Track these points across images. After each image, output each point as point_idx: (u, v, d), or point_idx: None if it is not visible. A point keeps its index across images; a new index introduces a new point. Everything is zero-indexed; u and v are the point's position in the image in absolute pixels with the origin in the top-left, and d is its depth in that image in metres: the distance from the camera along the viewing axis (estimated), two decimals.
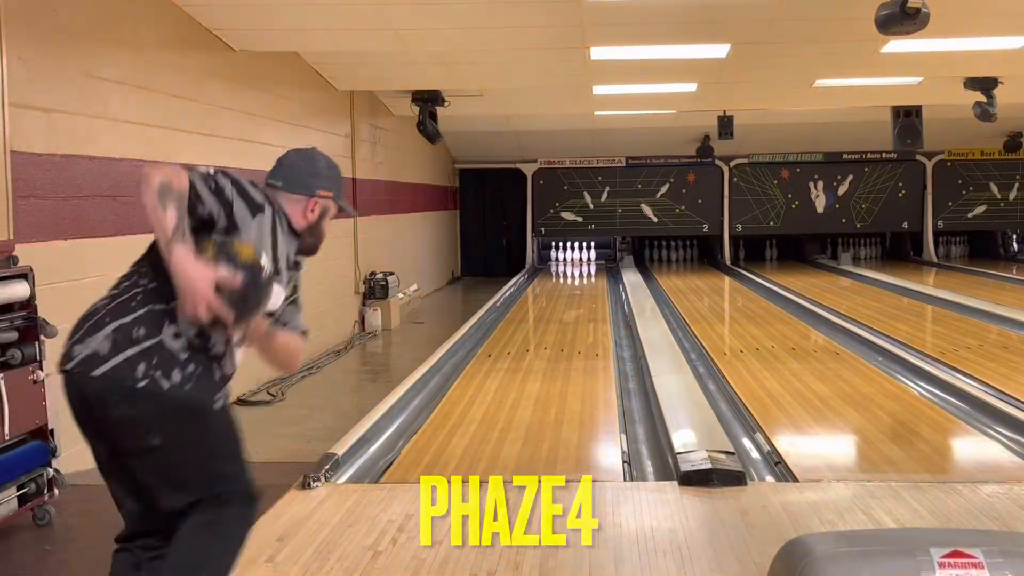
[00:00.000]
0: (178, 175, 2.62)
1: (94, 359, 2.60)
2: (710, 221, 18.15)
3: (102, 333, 2.65)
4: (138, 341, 2.61)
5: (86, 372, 2.59)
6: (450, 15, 7.05)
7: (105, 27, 5.57)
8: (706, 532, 3.96)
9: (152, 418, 2.58)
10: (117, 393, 2.56)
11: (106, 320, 2.68)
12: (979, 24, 7.55)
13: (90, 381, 2.59)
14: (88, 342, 2.65)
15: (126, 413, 2.58)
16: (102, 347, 2.62)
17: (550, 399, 6.65)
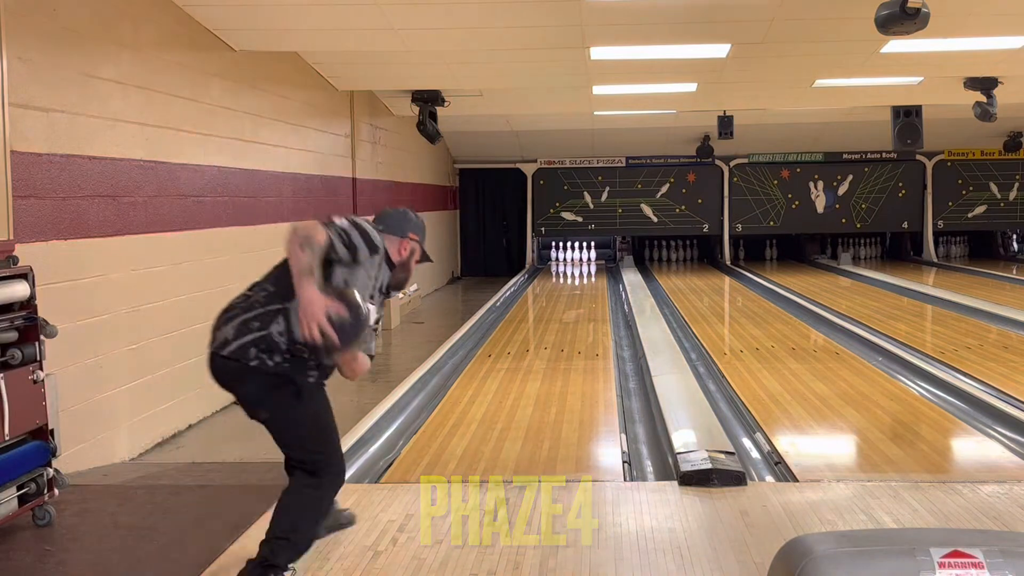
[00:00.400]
0: (318, 232, 3.47)
1: (225, 343, 3.46)
2: (710, 221, 18.15)
3: (232, 324, 3.48)
4: (253, 331, 3.44)
5: (219, 352, 3.45)
6: (450, 15, 7.05)
7: (105, 27, 5.57)
8: (706, 532, 3.96)
9: (261, 392, 3.46)
10: (237, 369, 3.43)
11: (237, 314, 3.50)
12: (979, 24, 7.55)
13: (222, 360, 3.45)
14: (224, 329, 3.48)
15: (242, 390, 3.50)
16: (229, 333, 3.46)
17: (550, 399, 6.65)
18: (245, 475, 5.27)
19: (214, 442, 6.18)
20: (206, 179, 6.84)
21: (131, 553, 4.03)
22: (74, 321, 5.12)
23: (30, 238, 4.76)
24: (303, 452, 3.54)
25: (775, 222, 18.18)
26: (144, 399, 5.90)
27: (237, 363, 3.41)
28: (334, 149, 10.05)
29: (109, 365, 5.53)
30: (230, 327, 3.47)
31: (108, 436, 5.52)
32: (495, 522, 4.12)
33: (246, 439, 6.21)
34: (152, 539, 4.21)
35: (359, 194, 10.74)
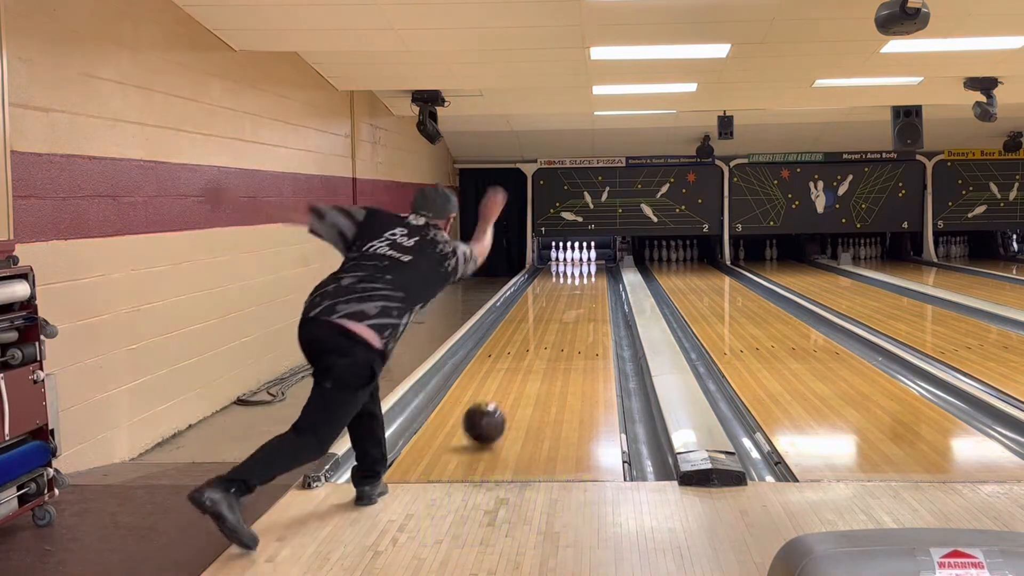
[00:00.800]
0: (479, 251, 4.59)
1: (362, 315, 4.01)
2: (710, 221, 18.16)
3: (372, 303, 4.05)
4: (392, 316, 4.09)
5: (347, 321, 3.99)
6: (450, 15, 7.06)
7: (105, 27, 5.57)
8: (706, 532, 3.96)
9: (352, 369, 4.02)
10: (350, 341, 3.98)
11: (376, 297, 4.07)
12: (979, 24, 7.55)
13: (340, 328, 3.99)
14: (361, 304, 4.03)
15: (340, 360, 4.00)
16: (371, 310, 4.03)
17: (550, 399, 6.65)
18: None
19: (214, 442, 6.18)
20: (206, 179, 6.84)
21: (131, 553, 4.03)
22: (74, 321, 5.12)
23: (30, 238, 4.76)
24: (313, 421, 4.01)
25: (775, 222, 18.18)
26: (144, 399, 5.91)
27: (355, 337, 3.97)
28: (334, 149, 10.05)
29: (109, 365, 5.53)
30: (371, 305, 4.03)
31: (108, 436, 5.52)
32: (495, 522, 4.12)
33: (246, 439, 6.21)
34: (152, 539, 4.21)
35: (359, 194, 10.74)
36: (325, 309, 4.04)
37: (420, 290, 4.26)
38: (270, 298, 7.98)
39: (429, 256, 4.31)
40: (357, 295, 4.06)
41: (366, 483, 4.38)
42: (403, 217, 4.44)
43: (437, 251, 4.35)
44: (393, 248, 4.27)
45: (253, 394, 7.39)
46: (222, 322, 7.05)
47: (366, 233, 4.33)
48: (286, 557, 3.75)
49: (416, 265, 4.25)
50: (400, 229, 4.35)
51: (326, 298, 4.08)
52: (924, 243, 18.21)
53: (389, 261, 4.22)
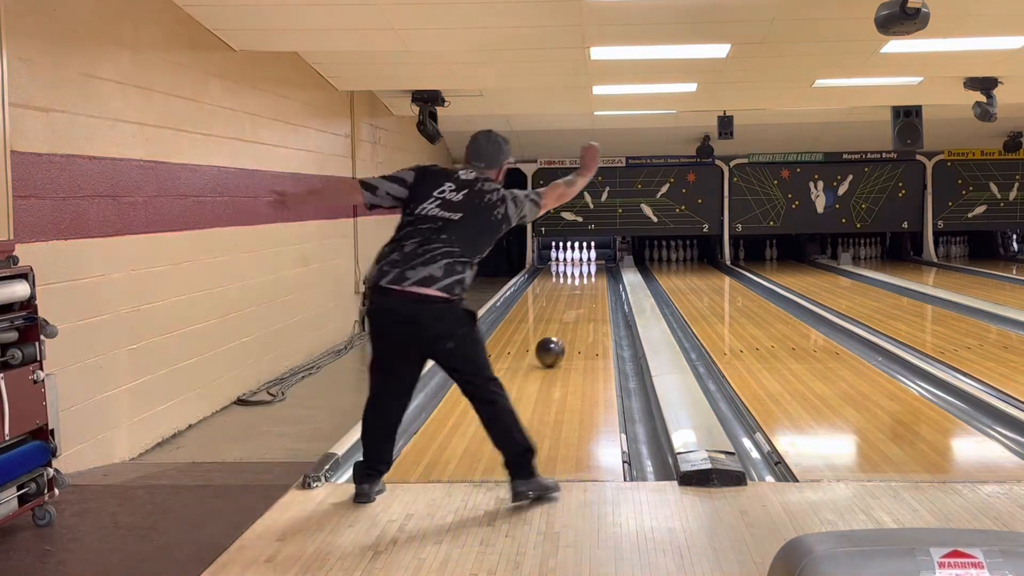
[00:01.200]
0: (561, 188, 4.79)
1: (431, 279, 4.18)
2: (710, 221, 18.15)
3: (436, 265, 4.19)
4: (458, 272, 4.25)
5: (420, 288, 4.17)
6: (450, 15, 7.05)
7: (105, 27, 5.57)
8: (706, 532, 3.96)
9: (453, 324, 4.25)
10: (437, 305, 4.19)
11: (437, 257, 4.21)
12: (979, 24, 7.55)
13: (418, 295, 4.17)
14: (426, 268, 4.19)
15: (437, 325, 4.22)
16: (437, 272, 4.19)
17: (550, 399, 6.65)
18: (245, 475, 5.27)
19: (214, 442, 6.18)
20: (206, 179, 6.84)
21: (131, 553, 4.03)
22: (74, 321, 5.12)
23: (30, 238, 4.76)
24: (480, 368, 4.32)
25: (775, 222, 18.18)
26: (144, 399, 5.91)
27: (438, 299, 4.17)
28: (334, 149, 10.05)
29: (109, 365, 5.53)
30: (436, 267, 4.18)
31: (108, 436, 5.52)
32: (495, 522, 4.12)
33: (246, 439, 6.21)
34: (152, 539, 4.21)
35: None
36: (394, 278, 4.19)
37: (476, 244, 4.34)
38: (270, 298, 7.98)
39: (478, 208, 4.35)
40: (421, 259, 4.19)
41: (367, 481, 4.39)
42: (453, 171, 4.46)
43: (485, 201, 4.38)
44: (443, 207, 4.32)
45: (253, 394, 7.39)
46: (222, 322, 7.05)
47: (418, 195, 4.37)
48: (286, 557, 3.74)
49: (467, 221, 4.31)
50: (449, 185, 4.37)
51: (394, 266, 4.21)
52: (924, 243, 18.21)
53: (442, 222, 4.29)
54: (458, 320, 4.27)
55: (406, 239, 4.30)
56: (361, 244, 10.77)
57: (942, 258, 18.18)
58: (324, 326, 9.53)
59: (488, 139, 4.59)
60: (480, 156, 4.54)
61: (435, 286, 4.17)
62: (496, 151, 4.58)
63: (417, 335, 4.25)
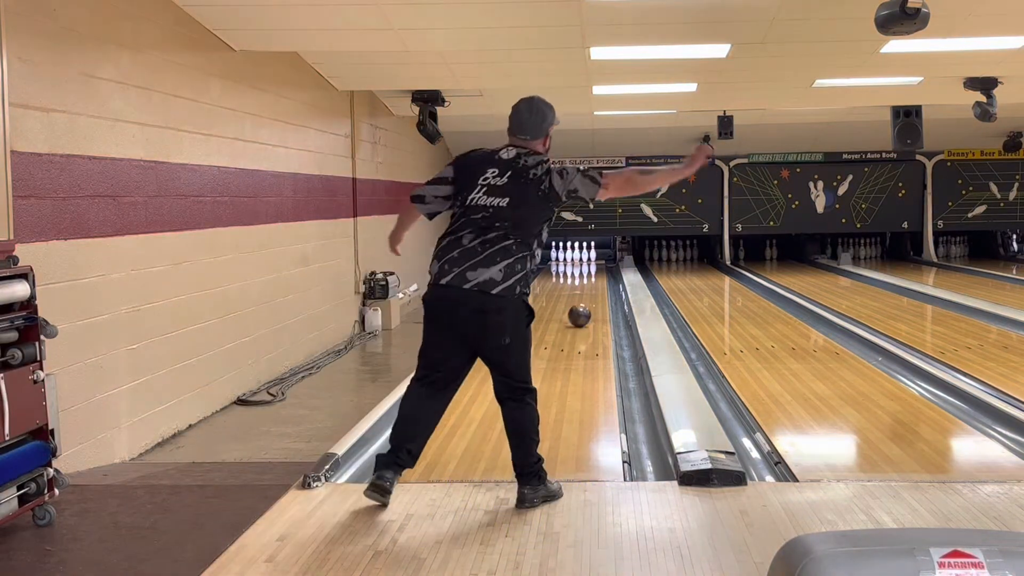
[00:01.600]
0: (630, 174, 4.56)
1: (491, 283, 4.14)
2: (710, 221, 18.15)
3: (496, 267, 4.15)
4: (517, 272, 4.19)
5: (482, 290, 4.13)
6: (450, 15, 7.05)
7: (105, 27, 5.57)
8: (706, 532, 3.96)
9: (512, 319, 4.19)
10: (498, 302, 4.14)
11: (496, 261, 4.16)
12: (979, 24, 7.54)
13: (482, 295, 4.13)
14: (488, 271, 4.15)
15: (497, 317, 4.15)
16: (497, 276, 4.15)
17: (550, 399, 6.65)
18: (245, 475, 5.27)
19: (214, 442, 6.18)
20: (206, 179, 6.84)
21: (131, 553, 4.03)
22: (74, 321, 5.12)
23: (30, 238, 4.76)
24: (524, 373, 4.30)
25: (775, 222, 18.18)
26: (144, 399, 5.91)
27: (500, 297, 4.12)
28: (334, 149, 10.05)
29: (109, 365, 5.53)
30: (496, 269, 4.14)
31: (108, 436, 5.52)
32: (495, 522, 4.12)
33: (246, 439, 6.21)
34: (152, 539, 4.21)
35: (359, 194, 10.75)
36: (456, 277, 4.16)
37: (531, 226, 4.25)
38: (270, 298, 7.98)
39: (524, 187, 4.25)
40: (481, 259, 4.15)
41: (388, 468, 4.30)
42: (494, 153, 4.36)
43: (530, 178, 4.27)
44: (490, 194, 4.25)
45: (253, 394, 7.39)
46: (222, 322, 7.05)
47: (463, 185, 4.32)
48: (286, 557, 3.75)
49: (516, 204, 4.23)
50: (492, 170, 4.29)
51: (454, 265, 4.18)
52: (924, 243, 18.21)
53: (492, 211, 4.23)
54: (519, 315, 4.23)
55: (462, 230, 4.25)
56: (361, 244, 10.77)
57: (942, 258, 18.18)
58: (324, 326, 9.53)
59: (530, 108, 4.46)
60: (524, 128, 4.41)
61: (496, 289, 4.14)
62: (539, 120, 4.45)
63: (477, 323, 4.18)
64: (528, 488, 4.30)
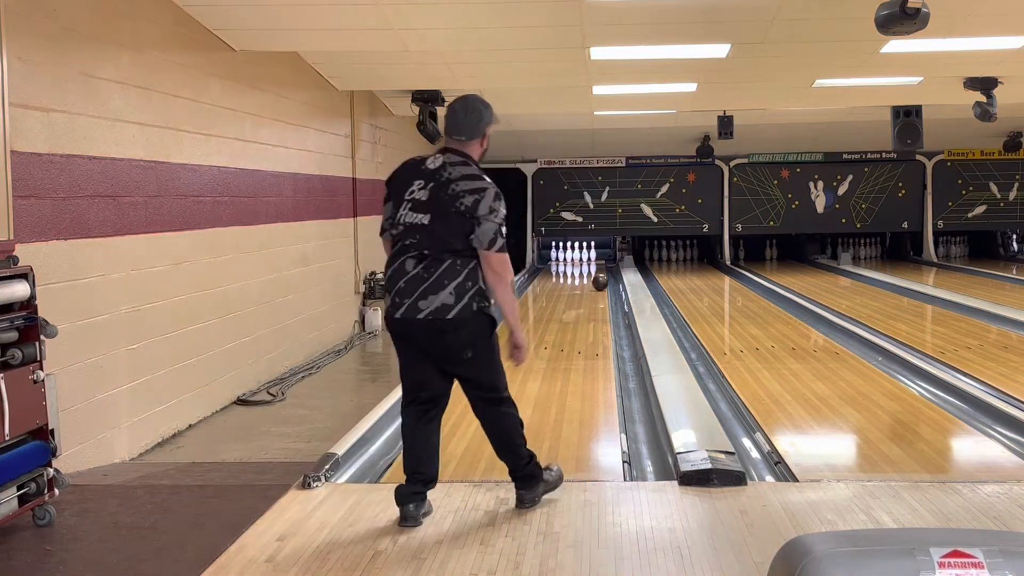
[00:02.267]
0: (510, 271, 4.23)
1: (445, 308, 3.95)
2: (710, 221, 18.15)
3: (445, 291, 3.95)
4: (470, 290, 3.99)
5: (438, 317, 3.95)
6: (450, 15, 7.05)
7: (105, 27, 5.57)
8: (706, 532, 3.96)
9: (472, 335, 4.02)
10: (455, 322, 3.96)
11: (445, 283, 3.96)
12: (979, 24, 7.54)
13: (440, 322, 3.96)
14: (431, 297, 3.96)
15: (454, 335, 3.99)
16: (449, 300, 3.96)
17: (550, 399, 6.65)
18: (245, 475, 5.27)
19: (214, 442, 6.18)
20: (206, 179, 6.84)
21: (131, 553, 4.03)
22: (74, 321, 5.12)
23: (30, 238, 4.76)
24: (495, 383, 4.17)
25: (775, 222, 18.18)
26: (144, 399, 5.91)
27: (457, 319, 3.95)
28: (334, 149, 10.05)
29: (109, 365, 5.53)
30: (446, 293, 3.95)
31: (108, 436, 5.52)
32: (495, 522, 4.12)
33: (246, 439, 6.21)
34: (152, 539, 4.21)
35: (359, 194, 10.75)
36: (408, 309, 3.98)
37: (456, 243, 3.98)
38: (270, 298, 7.98)
39: (442, 203, 3.97)
40: (429, 285, 3.95)
41: (411, 500, 4.12)
42: (423, 162, 4.11)
43: (449, 193, 3.97)
44: (415, 210, 4.01)
45: (253, 394, 7.39)
46: (222, 322, 7.05)
47: (395, 203, 4.09)
48: (286, 557, 3.74)
49: (435, 221, 3.97)
50: (418, 183, 4.04)
51: (404, 296, 3.99)
52: (924, 243, 18.21)
53: (419, 230, 3.99)
54: (480, 329, 4.05)
55: (402, 255, 4.03)
56: (361, 244, 10.77)
57: (942, 258, 18.18)
58: (324, 326, 9.53)
59: (465, 107, 4.12)
60: (459, 128, 4.10)
61: (452, 314, 3.96)
62: (475, 120, 4.10)
63: (438, 343, 4.02)
64: (524, 490, 4.27)
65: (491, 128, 4.17)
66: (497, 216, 4.02)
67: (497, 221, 4.02)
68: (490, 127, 4.15)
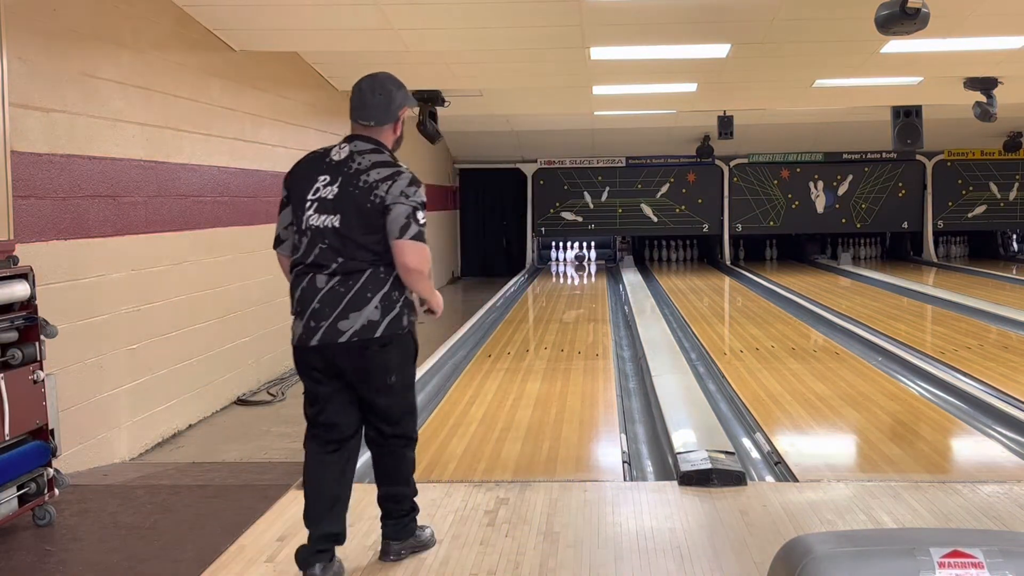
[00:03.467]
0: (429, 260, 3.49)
1: (371, 325, 3.37)
2: (710, 221, 18.15)
3: (369, 307, 3.37)
4: (394, 302, 3.41)
5: (363, 338, 3.36)
6: (450, 15, 7.06)
7: (105, 27, 5.57)
8: (706, 532, 3.96)
9: (399, 356, 3.46)
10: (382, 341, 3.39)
11: (368, 296, 3.37)
12: (979, 24, 7.55)
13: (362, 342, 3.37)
14: (353, 314, 3.36)
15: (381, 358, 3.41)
16: (375, 315, 3.37)
17: (550, 399, 6.65)
18: (245, 475, 5.27)
19: (214, 442, 6.18)
20: (206, 179, 6.85)
21: (131, 553, 4.03)
22: (74, 321, 5.12)
23: (30, 238, 4.76)
24: (405, 420, 3.59)
25: (775, 222, 18.18)
26: (144, 399, 5.91)
27: (386, 336, 3.38)
28: None
29: (109, 365, 5.53)
30: (371, 308, 3.36)
31: (108, 436, 5.52)
32: (495, 522, 4.12)
33: (246, 439, 6.22)
34: (152, 539, 4.21)
35: None
36: (327, 332, 3.36)
37: (379, 242, 3.38)
38: (270, 298, 7.98)
39: (354, 198, 3.38)
40: (350, 300, 3.35)
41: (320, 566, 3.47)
42: (327, 153, 3.51)
43: (360, 184, 3.39)
44: (321, 211, 3.40)
45: (253, 394, 7.39)
46: (222, 322, 7.05)
47: (296, 206, 3.47)
48: (286, 557, 3.74)
49: (348, 222, 3.37)
50: (322, 178, 3.43)
51: (320, 319, 3.36)
52: (924, 243, 18.21)
53: (329, 235, 3.38)
54: (406, 352, 3.50)
55: (311, 268, 3.41)
56: None
57: (942, 258, 18.18)
58: None
59: (373, 87, 3.58)
60: (366, 111, 3.53)
61: (379, 331, 3.38)
62: (384, 102, 3.55)
63: (360, 363, 3.42)
64: (395, 540, 3.66)
65: (406, 112, 3.62)
66: (409, 199, 3.40)
67: (410, 204, 3.39)
68: (404, 111, 3.61)
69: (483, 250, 18.33)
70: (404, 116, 3.62)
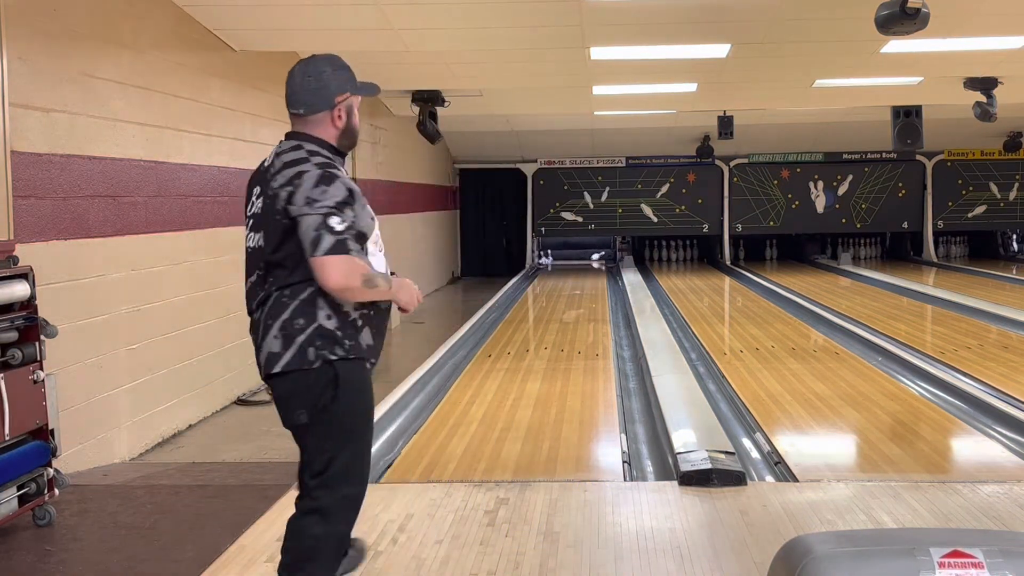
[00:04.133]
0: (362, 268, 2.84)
1: (271, 359, 2.86)
2: (710, 221, 18.15)
3: (270, 334, 2.86)
4: (297, 331, 2.83)
5: (269, 375, 2.88)
6: (450, 15, 7.06)
7: (105, 27, 5.57)
8: (706, 532, 3.96)
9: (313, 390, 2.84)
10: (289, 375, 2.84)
11: (272, 317, 2.86)
12: (979, 24, 7.55)
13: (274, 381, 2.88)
14: (262, 348, 2.88)
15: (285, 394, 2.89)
16: (275, 346, 2.85)
17: (550, 399, 6.65)
18: (245, 475, 5.27)
19: (214, 442, 6.18)
20: (206, 179, 6.84)
21: (131, 553, 4.03)
22: (74, 321, 5.12)
23: (30, 238, 4.76)
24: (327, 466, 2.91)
25: (775, 222, 18.19)
26: (144, 399, 5.91)
27: (287, 374, 2.83)
28: None
29: (109, 365, 5.53)
30: (271, 339, 2.84)
31: (108, 436, 5.52)
32: (495, 522, 4.12)
33: (246, 439, 6.22)
34: (152, 539, 4.21)
35: None
36: (262, 365, 2.93)
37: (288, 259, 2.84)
38: None
39: (267, 209, 2.87)
40: (260, 330, 2.90)
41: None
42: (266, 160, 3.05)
43: (269, 194, 2.86)
44: (253, 229, 2.95)
45: (253, 394, 7.39)
46: (222, 322, 7.05)
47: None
48: None
49: (266, 238, 2.88)
50: (255, 191, 2.97)
51: (258, 352, 2.93)
52: (924, 243, 18.21)
53: (257, 256, 2.93)
54: (321, 388, 2.84)
55: (249, 298, 2.99)
56: None
57: (942, 258, 18.18)
58: None
59: (305, 70, 2.99)
60: (295, 99, 2.98)
61: (279, 366, 2.84)
62: (315, 87, 2.97)
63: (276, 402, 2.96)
64: None
65: (345, 98, 3.05)
66: (316, 204, 2.77)
67: (318, 212, 2.77)
68: (343, 96, 3.04)
69: (483, 250, 18.33)
70: (347, 103, 3.05)
